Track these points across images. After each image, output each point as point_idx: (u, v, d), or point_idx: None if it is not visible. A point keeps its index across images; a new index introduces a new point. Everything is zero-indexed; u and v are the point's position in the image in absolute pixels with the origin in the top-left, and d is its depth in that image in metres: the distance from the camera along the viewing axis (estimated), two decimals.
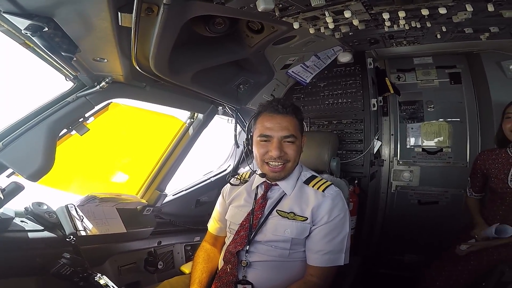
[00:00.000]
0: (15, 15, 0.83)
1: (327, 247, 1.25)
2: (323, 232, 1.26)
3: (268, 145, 1.31)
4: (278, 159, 1.30)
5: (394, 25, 1.54)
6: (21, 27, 0.86)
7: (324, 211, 1.28)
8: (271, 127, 1.30)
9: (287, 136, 1.30)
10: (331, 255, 1.25)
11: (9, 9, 0.83)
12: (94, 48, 1.09)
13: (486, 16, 1.39)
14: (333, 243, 1.26)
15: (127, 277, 1.78)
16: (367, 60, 2.32)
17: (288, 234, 1.28)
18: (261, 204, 1.37)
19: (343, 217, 1.29)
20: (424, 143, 2.55)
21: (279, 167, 1.31)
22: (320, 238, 1.26)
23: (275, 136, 1.29)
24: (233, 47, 1.58)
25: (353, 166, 2.30)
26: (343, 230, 1.28)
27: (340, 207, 1.30)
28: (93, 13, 0.89)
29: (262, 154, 1.32)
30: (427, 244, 2.47)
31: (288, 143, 1.31)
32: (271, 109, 1.33)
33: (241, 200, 1.46)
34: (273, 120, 1.31)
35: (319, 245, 1.26)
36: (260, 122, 1.34)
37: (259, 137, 1.33)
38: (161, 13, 0.92)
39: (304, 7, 1.25)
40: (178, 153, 1.95)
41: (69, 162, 1.60)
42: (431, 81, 2.54)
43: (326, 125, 2.43)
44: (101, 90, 1.31)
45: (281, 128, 1.30)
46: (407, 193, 2.63)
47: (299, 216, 1.30)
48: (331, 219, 1.27)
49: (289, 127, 1.31)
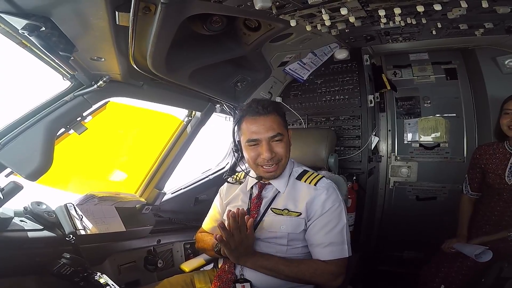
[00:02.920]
0: (12, 14, 0.83)
1: (327, 239, 1.25)
2: (319, 225, 1.27)
3: (258, 148, 1.31)
4: (270, 161, 1.31)
5: (390, 21, 1.55)
6: (18, 26, 0.86)
7: (317, 204, 1.29)
8: (257, 131, 1.30)
9: (274, 136, 1.30)
10: (333, 247, 1.24)
11: (6, 9, 0.83)
12: (91, 47, 1.09)
13: (481, 12, 1.41)
14: (331, 235, 1.25)
15: (127, 276, 1.78)
16: (363, 56, 2.33)
17: (284, 229, 1.29)
18: (256, 204, 1.40)
19: (338, 207, 1.29)
20: (421, 139, 2.57)
21: (273, 167, 1.33)
22: (317, 231, 1.27)
23: (262, 138, 1.29)
24: (230, 45, 1.58)
25: (351, 163, 2.32)
26: (340, 220, 1.28)
27: (333, 198, 1.30)
28: (90, 12, 0.89)
29: (254, 158, 1.33)
30: (425, 240, 2.47)
31: (276, 142, 1.32)
32: (252, 112, 1.32)
33: (238, 201, 1.48)
34: (257, 122, 1.30)
35: (318, 238, 1.26)
36: (245, 127, 1.33)
37: (247, 143, 1.32)
38: (159, 12, 0.92)
39: (300, 4, 1.26)
40: (176, 151, 1.95)
41: (68, 161, 1.60)
42: (427, 77, 2.57)
43: (324, 121, 2.44)
44: (99, 89, 1.31)
45: (266, 129, 1.29)
46: (405, 189, 2.66)
47: (293, 212, 1.31)
48: (325, 211, 1.27)
49: (274, 126, 1.31)
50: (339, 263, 1.25)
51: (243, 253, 1.22)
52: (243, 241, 1.18)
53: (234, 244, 1.17)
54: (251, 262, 1.24)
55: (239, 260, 1.24)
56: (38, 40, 0.87)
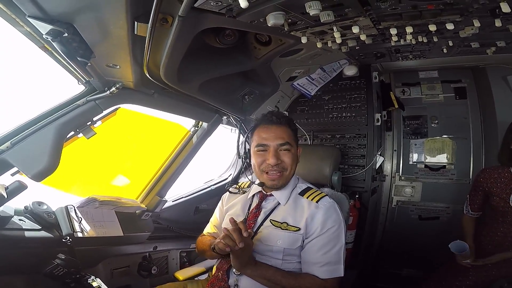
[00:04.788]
0: (38, 19, 0.86)
1: (324, 259, 1.26)
2: (318, 245, 1.27)
3: (265, 154, 1.36)
4: (275, 167, 1.34)
5: (401, 39, 1.56)
6: (43, 31, 0.89)
7: (317, 222, 1.29)
8: (267, 137, 1.36)
9: (282, 144, 1.35)
10: (329, 267, 1.26)
11: (34, 14, 0.86)
12: (108, 54, 1.12)
13: (493, 31, 1.40)
14: (329, 255, 1.26)
15: (118, 280, 1.77)
16: (372, 73, 2.33)
17: (280, 244, 1.30)
18: (255, 214, 1.41)
19: (337, 228, 1.30)
20: (427, 160, 2.54)
21: (277, 175, 1.35)
22: (315, 251, 1.27)
23: (271, 145, 1.35)
24: (240, 58, 1.61)
25: (354, 181, 2.30)
26: (338, 241, 1.29)
27: (334, 218, 1.30)
28: (111, 21, 0.92)
29: (259, 163, 1.37)
30: (426, 258, 2.45)
31: (284, 151, 1.36)
32: (266, 120, 1.41)
33: (236, 210, 1.50)
34: (269, 130, 1.37)
35: (316, 257, 1.26)
36: (257, 134, 1.40)
37: (256, 147, 1.38)
38: (176, 24, 0.95)
39: (312, 22, 1.28)
40: (180, 160, 1.96)
41: (73, 164, 1.61)
42: (436, 95, 2.54)
43: (329, 139, 2.43)
44: (111, 95, 1.34)
45: (276, 137, 1.35)
46: (408, 208, 2.61)
47: (292, 227, 1.32)
48: (324, 231, 1.28)
49: (283, 135, 1.36)
50: (334, 282, 1.26)
51: (245, 261, 1.23)
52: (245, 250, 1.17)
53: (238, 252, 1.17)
54: (251, 270, 1.25)
55: (241, 268, 1.25)
56: (60, 45, 0.90)
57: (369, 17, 1.27)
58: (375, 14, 1.25)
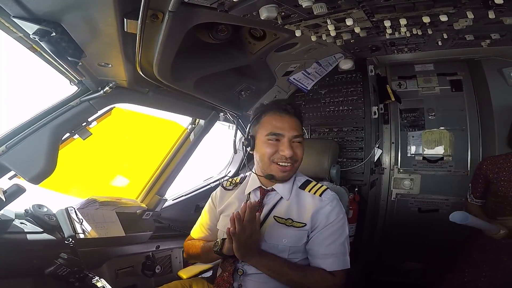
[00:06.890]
0: (24, 19, 0.85)
1: (330, 250, 1.23)
2: (323, 236, 1.24)
3: (278, 145, 1.28)
4: (289, 159, 1.28)
5: (395, 32, 1.56)
6: (30, 31, 0.87)
7: (323, 215, 1.26)
8: (282, 127, 1.28)
9: (297, 136, 1.29)
10: (336, 258, 1.22)
11: (19, 14, 0.85)
12: (99, 53, 1.11)
13: (487, 23, 1.40)
14: (335, 246, 1.23)
15: (124, 280, 1.77)
16: (368, 67, 2.33)
17: (286, 242, 1.25)
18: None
19: (341, 219, 1.28)
20: (425, 152, 2.55)
21: (289, 166, 1.29)
22: (321, 241, 1.24)
23: (286, 135, 1.27)
24: (235, 53, 1.60)
25: (353, 174, 2.30)
26: (343, 232, 1.26)
27: (337, 210, 1.28)
28: (99, 19, 0.90)
29: (270, 153, 1.28)
30: (427, 251, 2.46)
31: (297, 144, 1.31)
32: (279, 108, 1.32)
33: (234, 209, 1.40)
34: (283, 119, 1.30)
35: (322, 249, 1.24)
36: (268, 122, 1.31)
37: (267, 136, 1.29)
38: (166, 20, 0.94)
39: (306, 15, 1.27)
40: (179, 159, 1.95)
41: (71, 166, 1.61)
42: (432, 88, 2.56)
43: (327, 132, 2.43)
44: (105, 95, 1.32)
45: (291, 128, 1.29)
46: (407, 201, 2.63)
47: (297, 222, 1.27)
48: (329, 223, 1.25)
49: (297, 127, 1.31)
50: (341, 274, 1.23)
51: (251, 249, 1.17)
52: (253, 235, 1.14)
53: (245, 237, 1.12)
54: (256, 260, 1.20)
55: (245, 257, 1.18)
56: (48, 45, 0.88)
57: (362, 9, 1.27)
58: (368, 6, 1.24)
